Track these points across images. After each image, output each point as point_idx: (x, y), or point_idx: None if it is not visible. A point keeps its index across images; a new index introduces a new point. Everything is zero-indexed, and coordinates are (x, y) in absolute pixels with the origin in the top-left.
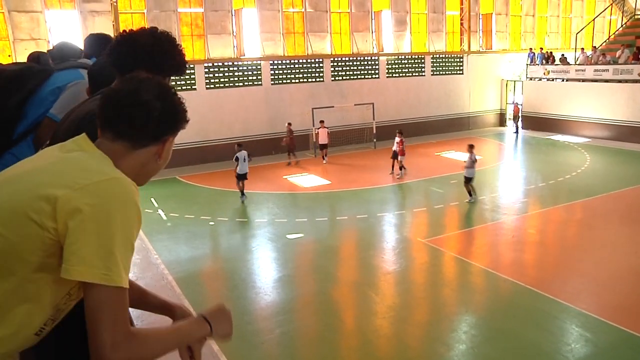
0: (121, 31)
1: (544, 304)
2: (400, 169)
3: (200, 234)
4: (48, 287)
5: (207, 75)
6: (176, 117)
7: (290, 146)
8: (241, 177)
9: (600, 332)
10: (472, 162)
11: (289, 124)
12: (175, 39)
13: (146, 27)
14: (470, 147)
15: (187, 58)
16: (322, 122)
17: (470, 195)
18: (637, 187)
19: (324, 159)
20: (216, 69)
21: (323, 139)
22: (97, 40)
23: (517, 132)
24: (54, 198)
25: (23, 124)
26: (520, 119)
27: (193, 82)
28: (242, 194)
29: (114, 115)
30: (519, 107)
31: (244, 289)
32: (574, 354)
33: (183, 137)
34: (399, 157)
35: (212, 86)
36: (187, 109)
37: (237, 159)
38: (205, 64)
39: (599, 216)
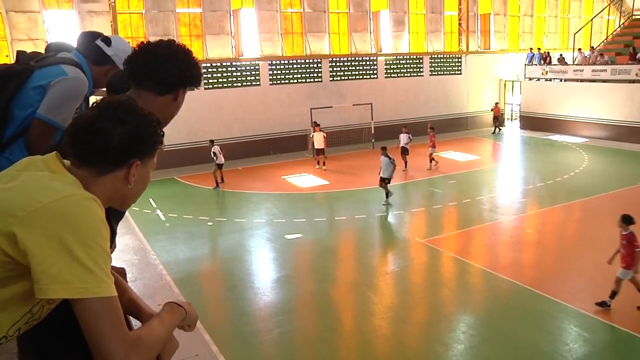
0: (140, 42)
1: (542, 304)
2: (431, 161)
3: (198, 235)
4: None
5: (205, 76)
6: (139, 140)
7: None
8: (221, 167)
9: (599, 331)
10: (389, 163)
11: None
12: (191, 51)
13: (163, 39)
14: (383, 149)
15: None
16: (317, 125)
17: (387, 196)
18: (636, 186)
19: (323, 164)
20: (214, 69)
21: (319, 143)
22: (88, 37)
23: (494, 132)
24: (14, 218)
25: (12, 127)
26: (500, 120)
27: None
28: (217, 183)
29: (74, 142)
30: (500, 107)
31: (243, 289)
32: (572, 354)
33: (181, 138)
34: (430, 149)
35: (210, 86)
36: (161, 130)
37: (214, 154)
38: (204, 64)
39: (598, 216)
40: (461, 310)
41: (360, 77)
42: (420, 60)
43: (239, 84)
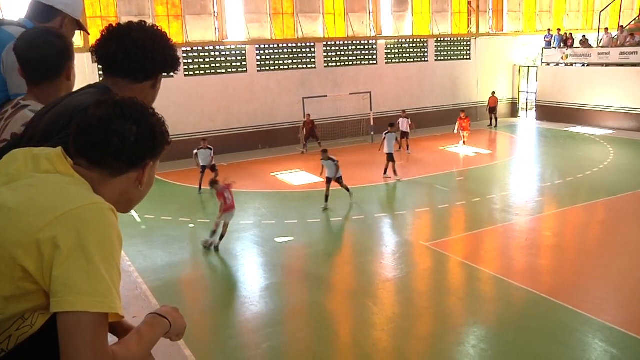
0: (107, 25)
1: (562, 315)
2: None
3: (178, 238)
4: None
5: (185, 61)
6: (155, 140)
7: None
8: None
9: (628, 347)
10: (332, 165)
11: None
12: (166, 33)
13: (133, 21)
14: (324, 152)
15: None
16: (392, 126)
17: (348, 190)
18: None
19: (395, 173)
20: (196, 54)
21: (391, 147)
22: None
23: (491, 125)
24: (37, 228)
25: None
26: (497, 111)
27: None
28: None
29: (85, 143)
30: (496, 97)
31: (228, 299)
32: None
33: None
34: (463, 132)
35: (191, 73)
36: (168, 126)
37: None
38: (184, 48)
39: (624, 217)
40: (470, 322)
41: (358, 62)
42: (425, 44)
43: (223, 71)
